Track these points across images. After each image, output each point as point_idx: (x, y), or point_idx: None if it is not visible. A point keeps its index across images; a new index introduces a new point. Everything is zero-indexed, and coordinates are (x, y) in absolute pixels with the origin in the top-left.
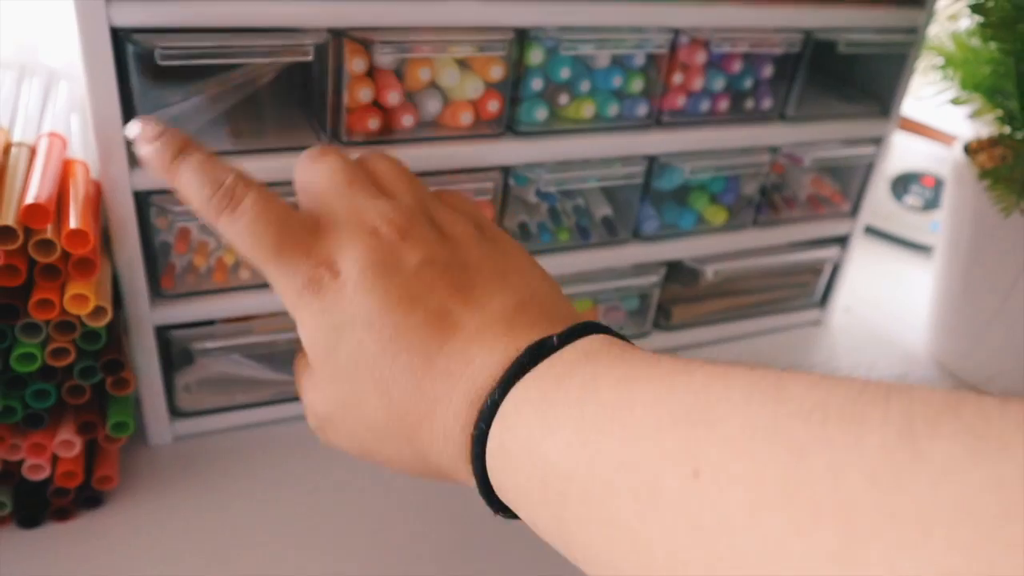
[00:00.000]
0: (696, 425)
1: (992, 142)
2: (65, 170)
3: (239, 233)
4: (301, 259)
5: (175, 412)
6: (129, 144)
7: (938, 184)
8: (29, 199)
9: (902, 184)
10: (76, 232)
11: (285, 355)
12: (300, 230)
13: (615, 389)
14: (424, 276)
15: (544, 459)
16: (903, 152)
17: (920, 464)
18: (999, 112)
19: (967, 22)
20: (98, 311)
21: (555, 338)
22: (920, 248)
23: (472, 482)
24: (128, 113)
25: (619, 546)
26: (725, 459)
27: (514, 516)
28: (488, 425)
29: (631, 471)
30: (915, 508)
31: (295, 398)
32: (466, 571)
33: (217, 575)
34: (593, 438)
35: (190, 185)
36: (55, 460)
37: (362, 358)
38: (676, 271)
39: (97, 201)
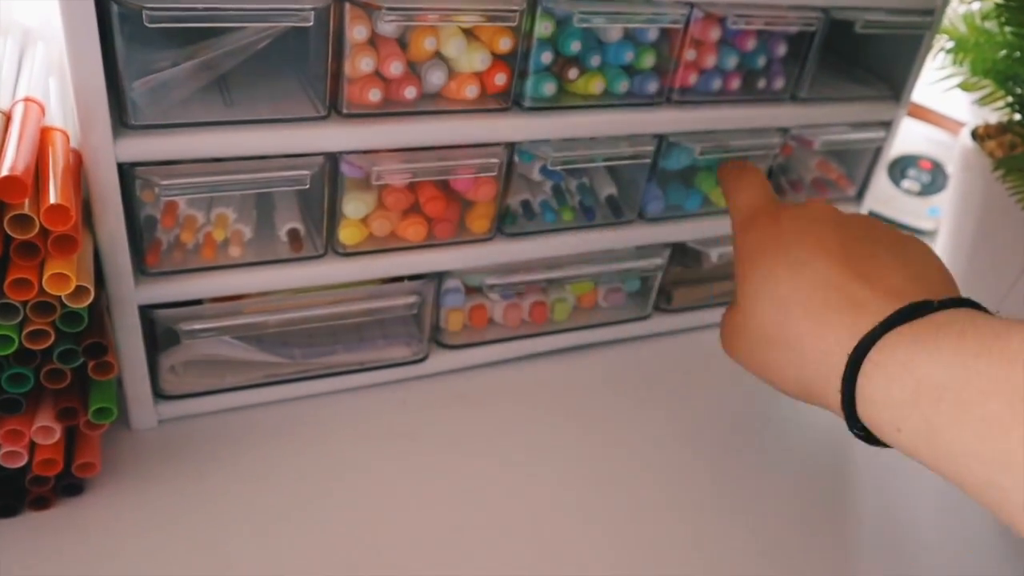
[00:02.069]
0: None
1: (1001, 129)
2: (43, 139)
3: (739, 181)
4: (762, 205)
5: (159, 395)
6: (112, 110)
7: (936, 168)
8: (4, 170)
9: (899, 168)
10: (56, 207)
11: (275, 336)
12: (771, 193)
13: (990, 327)
14: (842, 236)
15: (921, 372)
16: (900, 135)
17: None
18: (1010, 99)
19: (980, 5)
20: (80, 291)
21: (935, 302)
22: (917, 233)
23: (837, 400)
24: (111, 78)
25: (989, 439)
26: None
27: (867, 437)
28: (866, 350)
29: (1005, 383)
30: None
31: (285, 380)
32: (457, 554)
33: (203, 563)
34: (971, 361)
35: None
36: (33, 447)
37: (771, 280)
38: (679, 253)
39: (78, 173)
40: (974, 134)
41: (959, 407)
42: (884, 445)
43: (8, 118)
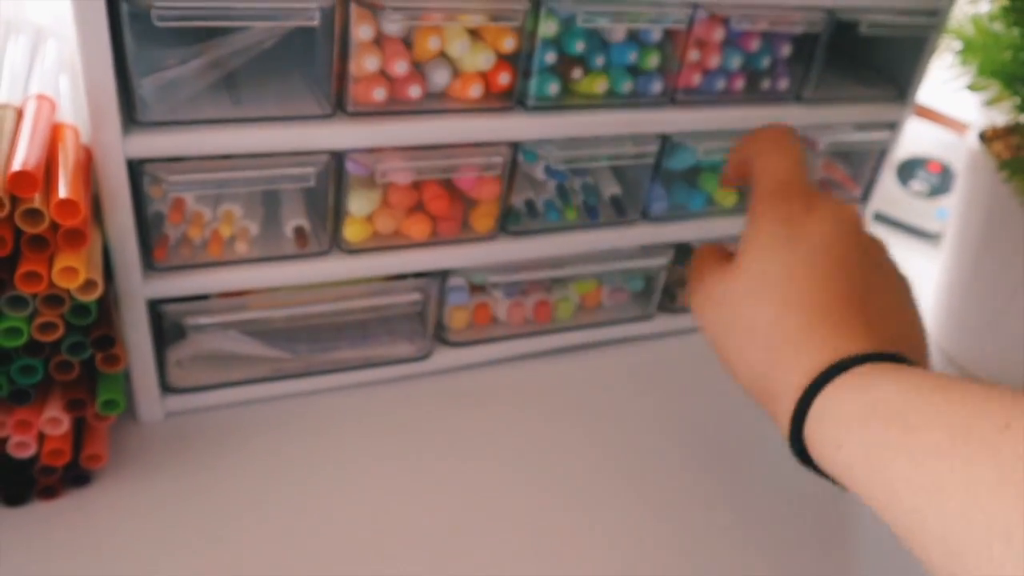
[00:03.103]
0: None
1: (1008, 130)
2: (54, 135)
3: (773, 153)
4: (795, 197)
5: (166, 388)
6: (122, 107)
7: (945, 170)
8: (16, 166)
9: (908, 169)
10: (66, 202)
11: (280, 332)
12: (807, 183)
13: (955, 378)
14: (860, 257)
15: (880, 394)
16: (909, 136)
17: None
18: (1017, 100)
19: (988, 6)
20: (88, 284)
21: (892, 358)
22: (925, 235)
23: (788, 408)
24: (121, 76)
25: (924, 466)
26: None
27: (811, 465)
28: (839, 372)
29: (954, 417)
30: None
31: (290, 375)
32: (456, 551)
33: (208, 555)
34: (928, 394)
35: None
36: (42, 437)
37: (785, 281)
38: (683, 253)
39: (88, 168)
40: (982, 136)
41: (904, 431)
42: (817, 470)
43: (20, 114)
